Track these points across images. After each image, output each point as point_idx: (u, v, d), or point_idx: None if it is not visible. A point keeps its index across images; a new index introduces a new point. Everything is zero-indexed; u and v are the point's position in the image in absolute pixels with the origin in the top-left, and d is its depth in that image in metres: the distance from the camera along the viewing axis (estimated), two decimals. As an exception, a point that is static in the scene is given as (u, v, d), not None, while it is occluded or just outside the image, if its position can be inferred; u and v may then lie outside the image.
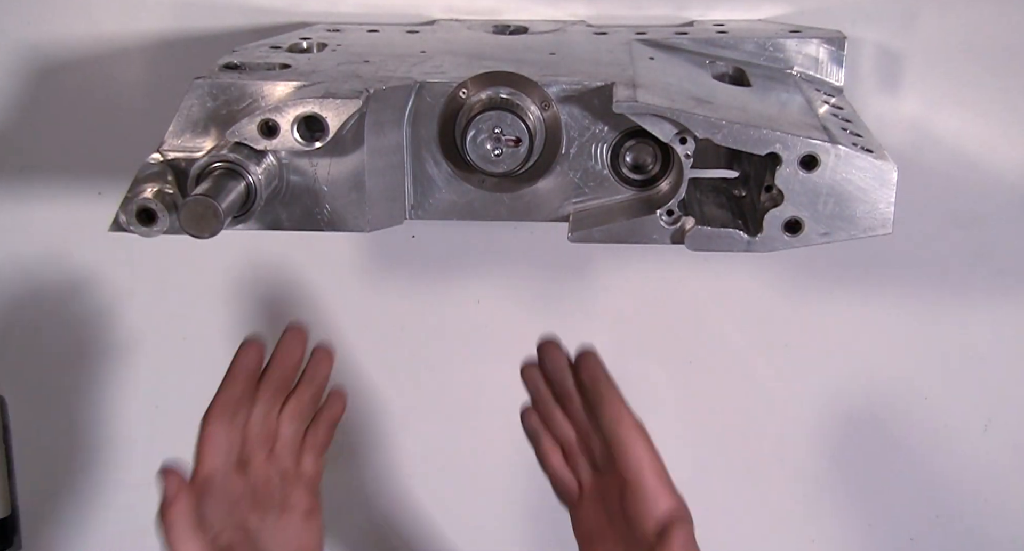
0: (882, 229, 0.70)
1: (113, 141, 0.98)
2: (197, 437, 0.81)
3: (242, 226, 0.71)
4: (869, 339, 1.01)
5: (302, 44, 0.82)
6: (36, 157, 1.00)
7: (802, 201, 0.69)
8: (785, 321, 1.01)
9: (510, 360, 1.05)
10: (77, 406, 1.08)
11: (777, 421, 1.04)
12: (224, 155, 0.67)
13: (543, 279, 1.01)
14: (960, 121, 0.93)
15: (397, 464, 1.09)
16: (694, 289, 1.01)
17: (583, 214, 0.74)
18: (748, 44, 0.85)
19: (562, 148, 0.73)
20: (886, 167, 0.69)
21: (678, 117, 0.68)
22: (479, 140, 0.70)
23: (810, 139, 0.68)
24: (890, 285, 0.99)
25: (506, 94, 0.71)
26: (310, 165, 0.71)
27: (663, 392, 1.04)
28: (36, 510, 1.11)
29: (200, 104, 0.70)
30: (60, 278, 1.04)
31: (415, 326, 1.04)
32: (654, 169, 0.74)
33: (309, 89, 0.69)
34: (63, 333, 1.06)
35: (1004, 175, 0.94)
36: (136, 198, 0.67)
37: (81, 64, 0.96)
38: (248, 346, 0.84)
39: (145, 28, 0.95)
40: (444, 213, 0.75)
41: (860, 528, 1.07)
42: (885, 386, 1.02)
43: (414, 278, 1.02)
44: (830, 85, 0.85)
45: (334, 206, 0.72)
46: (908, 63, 0.92)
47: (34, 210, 1.01)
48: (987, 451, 1.03)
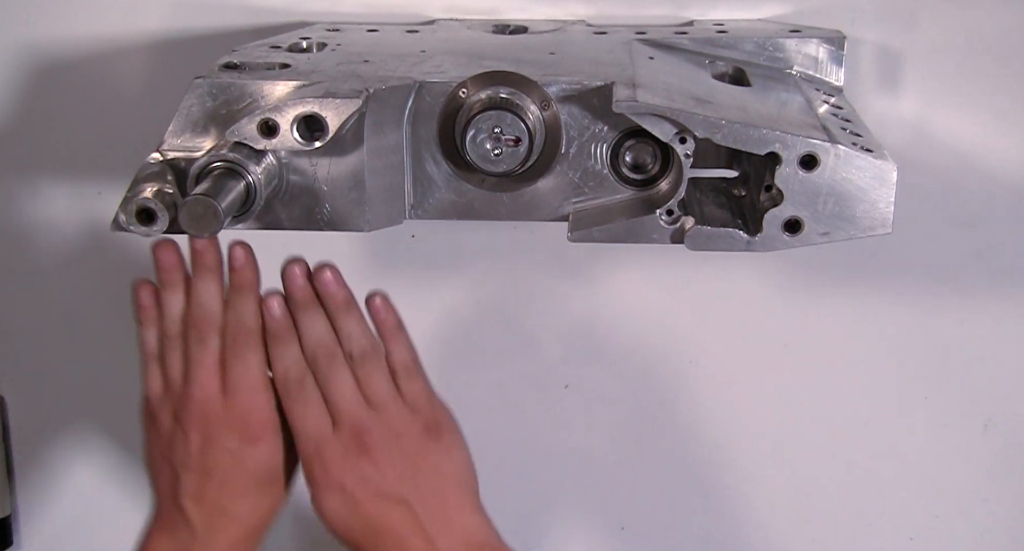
0: (882, 229, 0.70)
1: (113, 141, 0.98)
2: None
3: (242, 226, 0.71)
4: (869, 339, 1.01)
5: (302, 44, 0.82)
6: (36, 157, 1.00)
7: (802, 201, 0.69)
8: (785, 321, 1.01)
9: (510, 360, 1.05)
10: (77, 406, 1.08)
11: (777, 421, 1.04)
12: (224, 155, 0.67)
13: (543, 279, 1.01)
14: (960, 121, 0.93)
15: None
16: (694, 289, 1.01)
17: (583, 214, 0.74)
18: (748, 44, 0.85)
19: (562, 148, 0.73)
20: (886, 167, 0.69)
21: (678, 117, 0.68)
22: (479, 140, 0.70)
23: (810, 139, 0.68)
24: (890, 285, 0.99)
25: (506, 94, 0.71)
26: (310, 165, 0.71)
27: (663, 392, 1.04)
28: (36, 510, 1.11)
29: (200, 104, 0.70)
30: (60, 278, 1.04)
31: (415, 326, 1.04)
32: (654, 169, 0.74)
33: (309, 89, 0.69)
34: (63, 333, 1.06)
35: (1004, 175, 0.94)
36: (136, 198, 0.67)
37: (81, 64, 0.96)
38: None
39: (145, 28, 0.95)
40: (444, 213, 0.75)
41: (860, 528, 1.07)
42: (885, 386, 1.02)
43: (414, 278, 1.02)
44: (830, 85, 0.85)
45: (334, 206, 0.72)
46: (908, 63, 0.92)
47: (34, 210, 1.01)
48: (987, 451, 1.03)
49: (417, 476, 0.76)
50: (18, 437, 1.08)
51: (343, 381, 0.76)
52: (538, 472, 1.08)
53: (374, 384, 0.76)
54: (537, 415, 1.06)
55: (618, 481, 1.07)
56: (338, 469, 0.76)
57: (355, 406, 0.76)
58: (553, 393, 1.05)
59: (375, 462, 0.75)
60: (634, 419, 1.05)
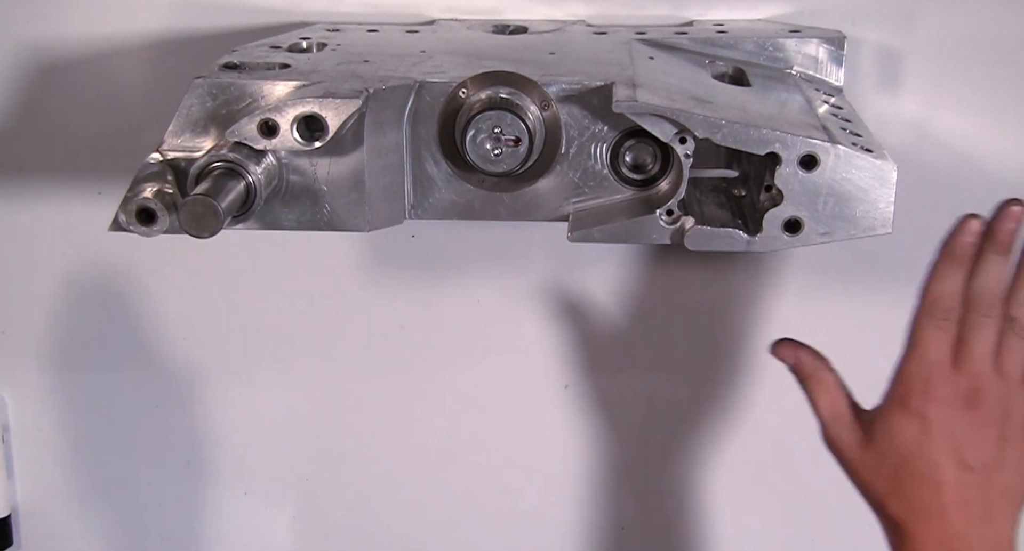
0: (882, 229, 0.70)
1: (113, 141, 0.98)
2: None
3: (242, 226, 0.71)
4: (869, 339, 1.01)
5: (302, 44, 0.82)
6: (36, 157, 1.00)
7: (802, 201, 0.69)
8: (785, 321, 1.01)
9: (510, 360, 1.05)
10: (77, 406, 1.08)
11: (777, 421, 1.04)
12: (224, 155, 0.67)
13: (543, 279, 1.01)
14: (960, 121, 0.93)
15: (397, 464, 1.09)
16: (694, 289, 1.01)
17: (583, 214, 0.74)
18: (748, 44, 0.85)
19: (562, 148, 0.73)
20: (886, 167, 0.69)
21: (678, 117, 0.68)
22: (479, 140, 0.70)
23: (810, 139, 0.68)
24: (890, 285, 0.99)
25: (506, 94, 0.71)
26: (310, 165, 0.71)
27: (663, 392, 1.04)
28: (36, 510, 1.11)
29: (200, 104, 0.70)
30: (60, 278, 1.04)
31: (415, 326, 1.04)
32: (654, 169, 0.74)
33: (309, 89, 0.69)
34: (63, 333, 1.06)
35: (1004, 175, 0.94)
36: (136, 198, 0.67)
37: (81, 64, 0.96)
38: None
39: (145, 28, 0.95)
40: (444, 213, 0.75)
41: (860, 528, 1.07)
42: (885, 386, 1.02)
43: (414, 278, 1.02)
44: (830, 85, 0.85)
45: (334, 206, 0.72)
46: (908, 63, 0.92)
47: (34, 210, 1.01)
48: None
49: (999, 461, 0.74)
50: (18, 437, 1.08)
51: (988, 336, 0.74)
52: (538, 472, 1.08)
53: (1015, 357, 0.74)
54: (537, 415, 1.06)
55: (618, 481, 1.07)
56: (935, 403, 0.74)
57: (987, 363, 0.74)
58: (553, 393, 1.05)
59: (972, 422, 0.74)
60: (634, 419, 1.05)
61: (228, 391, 1.06)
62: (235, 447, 1.08)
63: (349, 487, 1.09)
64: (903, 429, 0.75)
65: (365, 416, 1.07)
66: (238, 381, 1.06)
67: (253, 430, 1.08)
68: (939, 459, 0.74)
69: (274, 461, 1.09)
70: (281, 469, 1.09)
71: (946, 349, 0.75)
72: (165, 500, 1.10)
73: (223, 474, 1.09)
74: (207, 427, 1.08)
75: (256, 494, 1.10)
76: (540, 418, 1.06)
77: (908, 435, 0.75)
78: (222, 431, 1.08)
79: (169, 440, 1.09)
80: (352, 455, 1.08)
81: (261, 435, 1.08)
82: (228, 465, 1.09)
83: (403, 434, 1.08)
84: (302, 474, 1.09)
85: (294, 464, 1.09)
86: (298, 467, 1.09)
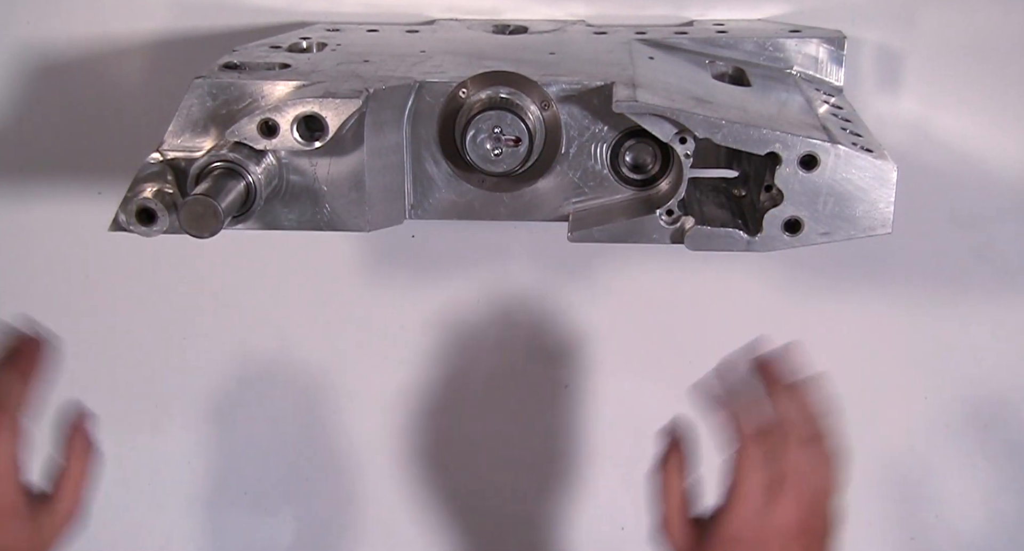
0: (882, 229, 0.70)
1: (113, 141, 0.98)
2: None
3: (242, 226, 0.71)
4: (869, 339, 1.01)
5: (302, 44, 0.82)
6: (36, 157, 1.00)
7: (802, 201, 0.69)
8: (785, 321, 1.00)
9: (510, 360, 1.05)
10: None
11: (777, 421, 1.04)
12: (224, 155, 0.67)
13: (543, 279, 1.01)
14: (960, 121, 0.93)
15: (397, 464, 1.09)
16: (694, 289, 1.01)
17: (583, 214, 0.74)
18: (748, 44, 0.85)
19: (562, 148, 0.73)
20: (886, 167, 0.69)
21: (678, 117, 0.68)
22: (479, 140, 0.70)
23: (810, 139, 0.68)
24: (890, 285, 0.99)
25: (506, 94, 0.71)
26: (310, 165, 0.71)
27: (663, 392, 1.04)
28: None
29: (200, 104, 0.70)
30: (60, 278, 1.04)
31: (415, 326, 1.04)
32: (654, 169, 0.74)
33: (309, 89, 0.69)
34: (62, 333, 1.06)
35: (1004, 175, 0.94)
36: (136, 198, 0.67)
37: (81, 64, 0.96)
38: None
39: (145, 28, 0.95)
40: (444, 213, 0.75)
41: (860, 528, 1.07)
42: (885, 386, 1.02)
43: (414, 278, 1.02)
44: (830, 85, 0.85)
45: (334, 206, 0.72)
46: (908, 63, 0.92)
47: (34, 210, 1.01)
48: (987, 451, 1.03)
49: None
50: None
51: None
52: (538, 472, 1.08)
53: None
54: (537, 415, 1.06)
55: (618, 481, 1.07)
56: None
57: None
58: (553, 393, 1.05)
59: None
60: (634, 419, 1.05)
61: (228, 391, 1.06)
62: (235, 447, 1.08)
63: (349, 487, 1.09)
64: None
65: (365, 416, 1.07)
66: (238, 381, 1.06)
67: (253, 430, 1.08)
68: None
69: (274, 461, 1.09)
70: (281, 469, 1.09)
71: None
72: (165, 500, 1.10)
73: (223, 474, 1.09)
74: (207, 427, 1.08)
75: (256, 494, 1.10)
76: (540, 418, 1.06)
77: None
78: (222, 431, 1.08)
79: (169, 439, 1.08)
80: (351, 455, 1.08)
81: (261, 435, 1.08)
82: (228, 465, 1.09)
83: (403, 434, 1.08)
84: (302, 474, 1.09)
85: (294, 464, 1.09)
86: (298, 467, 1.09)
